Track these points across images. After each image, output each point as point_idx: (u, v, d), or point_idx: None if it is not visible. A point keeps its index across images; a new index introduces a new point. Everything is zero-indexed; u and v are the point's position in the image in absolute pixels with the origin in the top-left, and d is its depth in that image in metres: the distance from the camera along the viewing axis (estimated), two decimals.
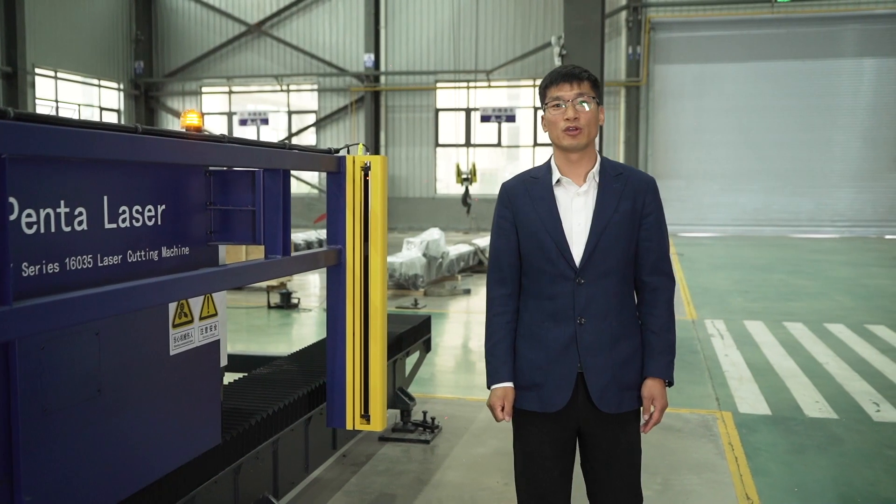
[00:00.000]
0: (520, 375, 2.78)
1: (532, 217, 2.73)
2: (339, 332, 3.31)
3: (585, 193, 2.72)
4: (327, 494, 4.33)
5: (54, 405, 2.12)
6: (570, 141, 2.66)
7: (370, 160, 3.25)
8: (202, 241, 2.78)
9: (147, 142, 2.06)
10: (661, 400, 2.75)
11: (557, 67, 2.80)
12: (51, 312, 1.72)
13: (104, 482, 2.32)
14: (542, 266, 2.72)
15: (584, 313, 2.68)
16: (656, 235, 2.77)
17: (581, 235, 2.69)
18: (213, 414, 2.91)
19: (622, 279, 2.73)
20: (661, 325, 2.75)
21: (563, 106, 2.66)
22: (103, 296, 1.88)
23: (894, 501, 4.30)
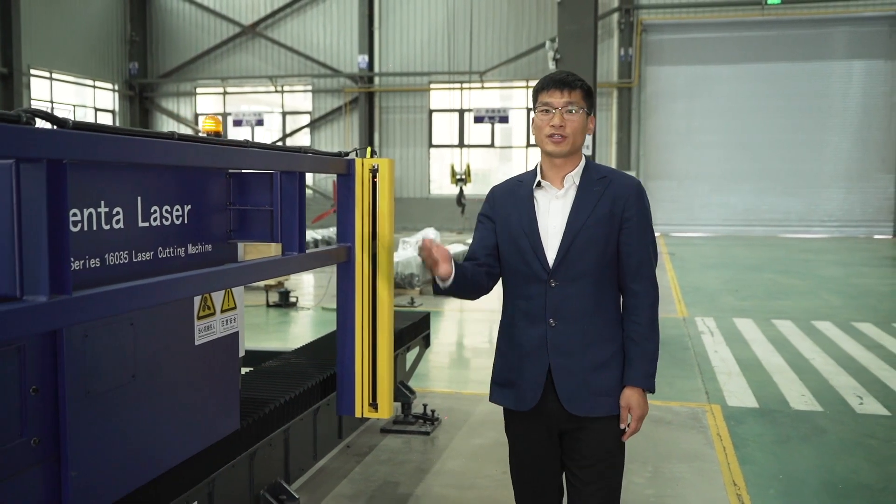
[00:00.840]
0: (498, 372, 2.87)
1: (511, 218, 2.78)
2: (348, 325, 3.49)
3: (563, 196, 2.75)
4: (333, 482, 4.53)
5: (95, 389, 2.30)
6: (552, 147, 2.70)
7: (378, 163, 3.44)
8: (223, 239, 2.97)
9: (183, 147, 2.25)
10: (639, 409, 2.72)
11: (552, 73, 2.82)
12: (102, 302, 1.91)
13: (138, 461, 2.51)
14: (518, 266, 2.77)
15: (556, 315, 2.70)
16: (637, 240, 2.74)
17: (555, 238, 2.72)
18: (233, 401, 3.10)
19: (598, 283, 2.72)
20: (641, 334, 2.73)
21: (551, 112, 2.70)
22: (143, 288, 2.07)
23: (874, 487, 4.52)
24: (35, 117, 1.77)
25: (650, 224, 2.80)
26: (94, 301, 1.87)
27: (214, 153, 2.45)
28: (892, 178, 23.10)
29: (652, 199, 3.17)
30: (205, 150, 2.39)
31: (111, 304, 1.96)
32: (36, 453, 2.14)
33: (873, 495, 4.40)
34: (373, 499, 4.32)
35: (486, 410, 5.90)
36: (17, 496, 2.09)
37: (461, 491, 4.42)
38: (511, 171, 26.19)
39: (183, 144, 2.25)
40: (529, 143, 25.45)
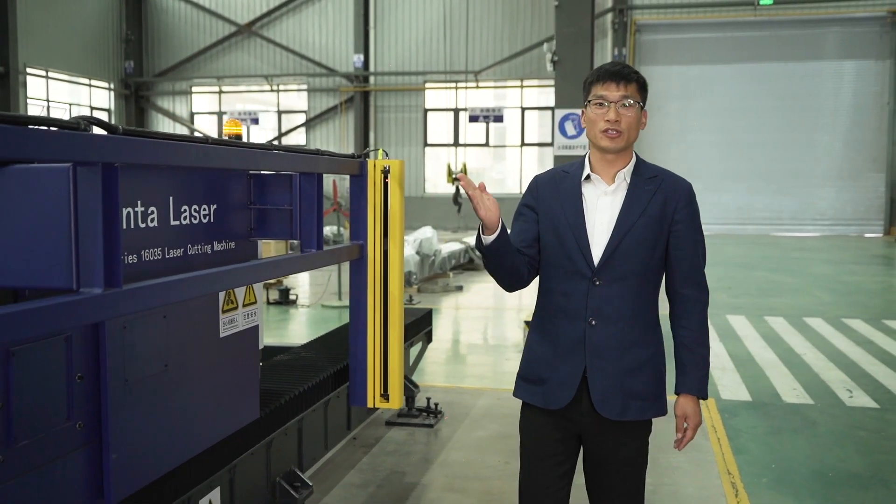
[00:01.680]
0: (527, 367, 2.77)
1: (556, 210, 2.68)
2: (360, 319, 3.65)
3: (613, 193, 2.66)
4: (342, 472, 4.69)
5: (133, 377, 2.46)
6: (607, 143, 2.60)
7: (389, 164, 3.59)
8: (245, 237, 3.13)
9: (217, 151, 2.40)
10: (695, 417, 2.69)
11: (606, 64, 2.68)
12: (149, 295, 2.06)
13: (170, 446, 2.67)
14: (560, 262, 2.67)
15: (597, 315, 2.61)
16: (689, 244, 2.67)
17: (603, 235, 2.62)
18: (254, 391, 3.25)
19: (642, 284, 2.63)
20: (694, 340, 2.67)
21: (605, 106, 2.59)
22: (183, 282, 2.22)
23: (863, 476, 4.70)
24: (91, 124, 1.92)
25: (700, 227, 2.72)
26: (143, 293, 2.03)
27: (243, 156, 2.61)
28: (883, 178, 23.35)
29: None
30: (235, 153, 2.54)
31: (156, 296, 2.12)
32: (81, 436, 2.30)
33: (862, 483, 4.59)
34: (381, 488, 4.48)
35: (486, 404, 6.06)
36: (65, 476, 2.24)
37: (466, 481, 4.58)
38: (505, 170, 26.37)
39: (218, 148, 2.41)
40: (524, 142, 25.64)
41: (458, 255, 14.42)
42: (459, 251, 14.50)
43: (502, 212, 2.60)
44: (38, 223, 1.93)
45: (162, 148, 2.13)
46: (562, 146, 9.00)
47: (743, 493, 4.41)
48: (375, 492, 4.43)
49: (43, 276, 1.94)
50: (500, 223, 2.58)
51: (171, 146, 2.17)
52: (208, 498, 3.11)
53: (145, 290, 2.05)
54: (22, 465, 2.08)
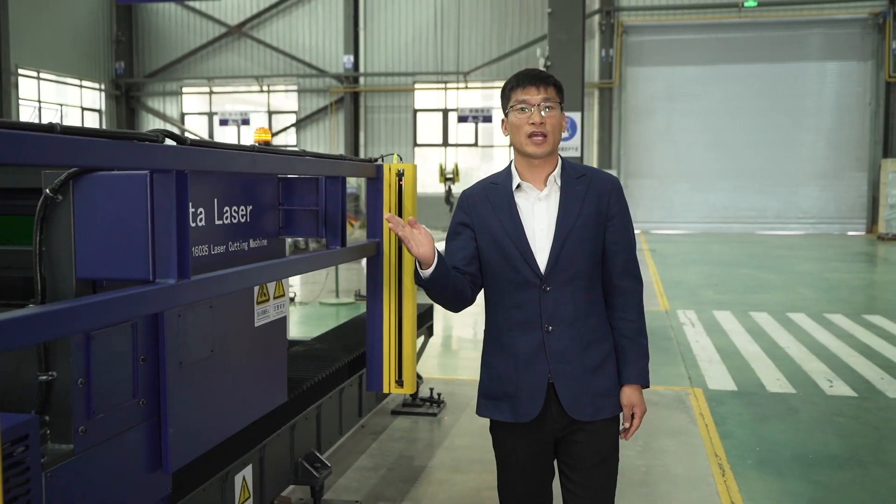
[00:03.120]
0: (489, 384, 2.75)
1: (493, 224, 2.67)
2: (377, 311, 3.94)
3: (547, 198, 2.67)
4: (354, 456, 4.98)
5: (186, 360, 2.74)
6: (534, 148, 2.61)
7: (403, 167, 3.89)
8: (275, 235, 3.41)
9: (263, 158, 2.70)
10: (641, 406, 2.70)
11: (522, 70, 2.71)
12: (211, 285, 2.35)
13: (215, 423, 2.96)
14: (507, 274, 2.66)
15: (551, 320, 2.62)
16: (623, 237, 2.72)
17: (544, 241, 2.64)
18: (282, 376, 3.54)
19: (589, 283, 2.67)
20: (634, 329, 2.70)
21: (528, 110, 2.60)
22: (236, 275, 2.51)
23: (841, 457, 5.03)
24: (165, 137, 2.21)
25: (630, 220, 2.77)
26: (207, 284, 2.32)
27: (282, 161, 2.90)
28: (865, 177, 23.78)
29: (633, 198, 3.51)
30: (276, 159, 2.84)
31: (216, 286, 2.41)
32: (143, 412, 2.58)
33: (840, 464, 4.92)
34: (391, 470, 4.78)
35: None
36: (130, 448, 2.53)
37: (470, 464, 4.89)
38: (493, 168, 26.63)
39: (263, 156, 2.70)
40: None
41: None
42: None
43: None
44: (120, 223, 2.22)
45: (221, 156, 2.42)
46: None
47: (729, 473, 4.74)
48: (386, 474, 4.72)
49: (123, 268, 2.23)
50: (436, 253, 2.57)
51: (228, 155, 2.46)
52: (242, 474, 3.41)
53: (209, 280, 2.35)
54: (99, 436, 2.37)
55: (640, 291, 2.77)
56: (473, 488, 4.52)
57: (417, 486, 4.55)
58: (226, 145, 2.53)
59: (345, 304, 11.21)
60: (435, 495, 4.41)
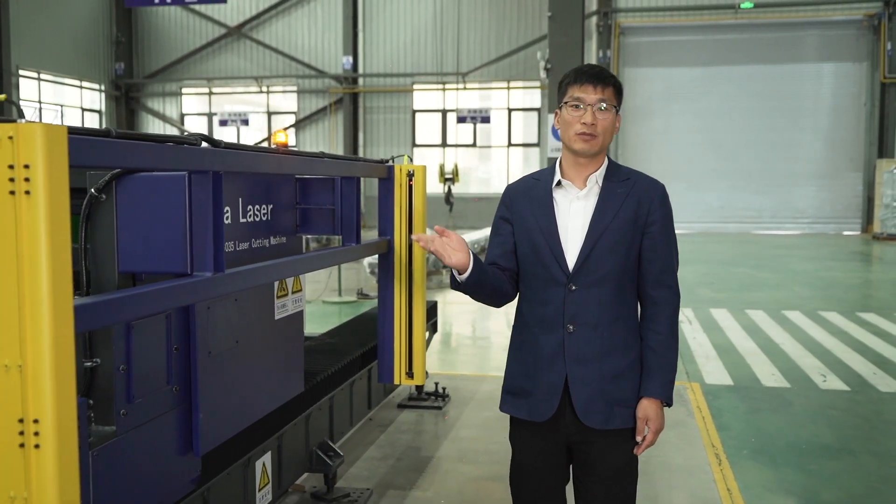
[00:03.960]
0: (510, 380, 2.73)
1: (529, 219, 2.65)
2: (388, 305, 4.11)
3: (585, 197, 2.62)
4: (363, 448, 5.15)
5: (215, 350, 2.91)
6: (581, 146, 2.56)
7: (413, 168, 4.06)
8: (293, 233, 3.59)
9: (287, 159, 2.87)
10: (656, 421, 2.59)
11: (583, 66, 2.64)
12: (242, 278, 2.52)
13: (240, 410, 3.13)
14: (536, 270, 2.64)
15: (574, 321, 2.56)
16: (661, 246, 2.63)
17: (576, 240, 2.59)
18: (299, 367, 3.72)
19: (618, 289, 2.60)
20: (661, 343, 2.61)
21: (581, 108, 2.54)
22: (264, 269, 2.68)
23: (833, 447, 5.22)
24: (202, 140, 2.38)
25: (673, 229, 2.69)
26: (240, 277, 2.49)
27: (304, 163, 3.07)
28: (861, 177, 23.99)
29: None
30: (299, 160, 3.01)
31: (248, 279, 2.58)
32: (176, 398, 2.75)
33: (832, 454, 5.10)
34: (400, 460, 4.95)
35: (489, 389, 6.54)
36: (165, 431, 2.70)
37: (476, 454, 5.06)
38: (490, 170, 26.86)
39: (288, 157, 2.87)
40: (511, 142, 26.13)
41: None
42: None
43: (488, 212, 2.77)
44: (160, 220, 2.39)
45: (251, 158, 2.59)
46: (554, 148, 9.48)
47: (726, 462, 4.91)
48: (395, 463, 4.89)
49: (163, 262, 2.40)
50: (471, 258, 2.56)
51: (257, 157, 2.63)
52: (262, 461, 3.57)
53: (241, 274, 2.52)
54: (138, 419, 2.54)
55: (675, 304, 2.66)
56: (479, 478, 4.70)
57: (425, 475, 4.72)
58: (255, 148, 2.71)
59: (347, 302, 11.38)
60: (442, 483, 4.59)
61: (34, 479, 1.49)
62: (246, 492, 3.40)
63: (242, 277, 2.52)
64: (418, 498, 4.38)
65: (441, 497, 4.39)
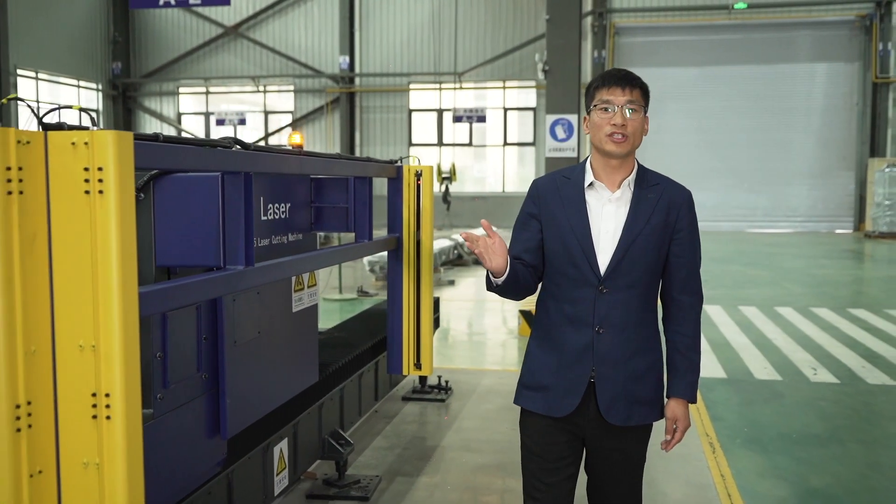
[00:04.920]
0: (528, 374, 2.76)
1: (560, 218, 2.66)
2: (397, 299, 4.31)
3: (618, 200, 2.65)
4: (370, 438, 5.33)
5: (240, 340, 3.10)
6: (613, 147, 2.59)
7: (421, 169, 4.26)
8: (308, 230, 3.77)
9: (309, 160, 3.06)
10: (684, 421, 2.73)
11: (611, 69, 2.70)
12: (270, 272, 2.71)
13: (261, 397, 3.31)
14: (566, 269, 2.65)
15: (604, 322, 2.62)
16: (688, 252, 2.70)
17: (609, 243, 2.62)
18: (314, 359, 3.91)
19: (646, 292, 2.66)
20: (687, 345, 2.70)
21: (611, 110, 2.58)
22: (289, 263, 2.87)
23: (822, 436, 5.42)
24: (236, 144, 2.56)
25: (698, 235, 2.76)
26: (268, 270, 2.69)
27: (322, 163, 3.26)
28: (853, 175, 24.24)
29: None
30: (317, 161, 3.20)
31: (274, 273, 2.78)
32: (205, 384, 2.94)
33: (821, 442, 5.30)
34: (406, 449, 5.14)
35: (490, 382, 6.73)
36: (196, 415, 2.88)
37: (479, 444, 5.25)
38: (486, 168, 27.05)
39: (310, 159, 3.06)
40: (506, 141, 26.32)
41: (448, 252, 15.07)
42: (449, 248, 15.14)
43: (484, 211, 2.78)
44: (195, 217, 2.58)
45: (277, 159, 2.78)
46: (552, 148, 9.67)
47: (719, 450, 5.11)
48: (402, 452, 5.08)
49: (198, 256, 2.59)
50: (508, 260, 2.59)
51: (282, 158, 2.82)
52: (279, 447, 3.76)
53: (268, 268, 2.71)
54: (172, 403, 2.73)
55: (699, 307, 2.76)
56: (483, 465, 4.88)
57: (431, 462, 4.91)
58: (280, 150, 2.89)
59: (348, 299, 11.55)
60: (448, 471, 4.77)
61: (105, 446, 1.68)
62: (265, 475, 3.59)
63: (270, 271, 2.71)
64: (425, 484, 4.57)
65: (447, 483, 4.58)
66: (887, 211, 21.56)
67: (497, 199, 25.23)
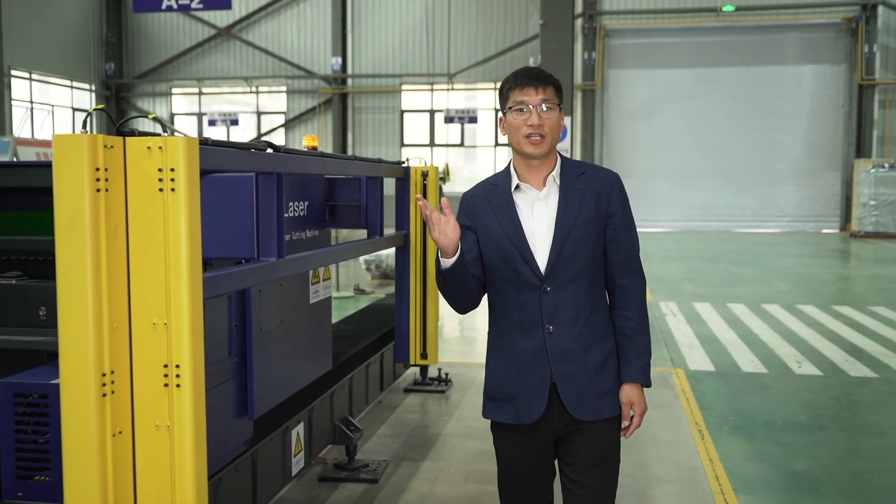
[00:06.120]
0: (493, 386, 2.72)
1: (493, 225, 2.64)
2: (404, 293, 4.57)
3: (546, 198, 2.63)
4: (376, 426, 5.59)
5: (265, 327, 3.35)
6: (531, 149, 2.57)
7: (427, 169, 4.52)
8: (323, 226, 4.02)
9: (329, 161, 3.31)
10: (640, 404, 2.68)
11: (521, 70, 2.65)
12: (297, 264, 2.96)
13: (284, 382, 3.56)
14: (507, 275, 2.63)
15: (553, 321, 2.59)
16: (623, 235, 2.68)
17: (544, 241, 2.60)
18: (328, 348, 4.15)
19: (591, 283, 2.64)
20: (634, 328, 2.67)
21: (526, 111, 2.56)
22: (313, 257, 3.12)
23: (805, 424, 5.70)
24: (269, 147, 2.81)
25: (632, 216, 2.74)
26: (296, 262, 2.94)
27: (340, 164, 3.51)
28: (839, 176, 24.64)
29: None
30: (337, 162, 3.45)
31: (301, 265, 3.04)
32: (235, 368, 3.18)
33: (804, 430, 5.59)
34: (410, 437, 5.39)
35: None
36: (228, 396, 3.13)
37: (480, 431, 5.50)
38: (476, 169, 27.35)
39: (330, 160, 3.32)
40: (498, 142, 26.62)
41: None
42: None
43: None
44: (231, 213, 2.83)
45: (304, 160, 3.03)
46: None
47: (708, 437, 5.39)
48: (406, 440, 5.33)
49: (234, 249, 2.84)
50: (458, 247, 2.57)
51: (307, 160, 3.07)
52: (296, 430, 4.01)
53: (296, 260, 2.97)
54: (209, 384, 2.95)
55: (643, 288, 2.73)
56: (484, 451, 5.14)
57: (435, 448, 5.16)
58: (305, 152, 3.14)
59: (345, 297, 11.78)
60: (451, 456, 5.03)
61: (175, 411, 1.93)
62: (285, 456, 3.83)
63: (299, 262, 2.96)
64: (430, 468, 4.83)
65: (451, 467, 4.83)
66: (873, 211, 21.95)
67: None
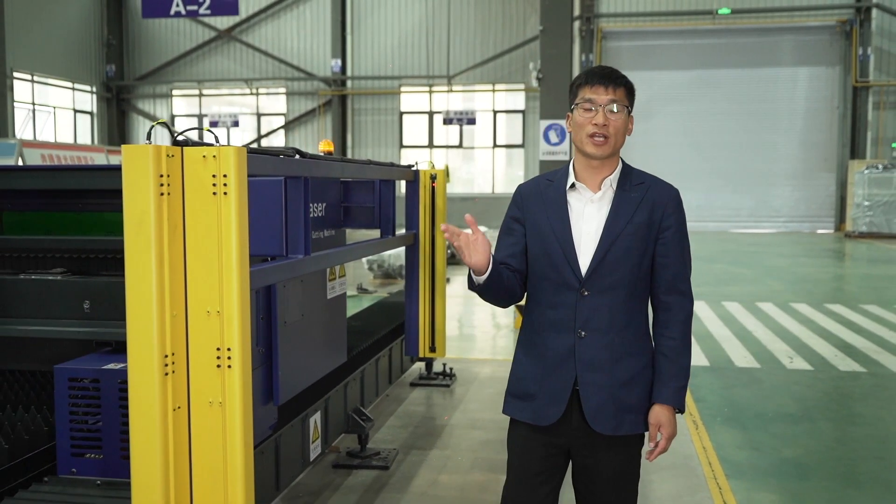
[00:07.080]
0: (516, 383, 2.68)
1: (542, 221, 2.59)
2: (414, 289, 4.82)
3: (599, 201, 2.57)
4: (384, 418, 5.84)
5: (288, 320, 3.60)
6: (593, 149, 2.52)
7: (435, 172, 4.77)
8: (338, 227, 4.28)
9: (348, 166, 3.56)
10: (669, 428, 2.56)
11: (595, 67, 2.61)
12: (321, 261, 3.21)
13: (305, 372, 3.82)
14: (547, 272, 2.58)
15: (586, 326, 2.52)
16: (674, 252, 2.58)
17: (590, 245, 2.54)
18: (343, 341, 4.41)
19: (631, 294, 2.56)
20: (674, 349, 2.56)
21: (593, 110, 2.51)
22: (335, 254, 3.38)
23: (795, 415, 5.97)
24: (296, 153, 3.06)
25: (687, 234, 2.64)
26: (320, 259, 3.19)
27: (358, 168, 3.77)
28: (834, 177, 24.93)
29: None
30: (354, 166, 3.70)
31: (324, 262, 3.29)
32: (262, 357, 3.44)
33: (794, 420, 5.85)
34: (418, 427, 5.65)
35: (490, 371, 7.24)
36: (256, 383, 3.37)
37: (484, 423, 5.76)
38: (474, 170, 27.60)
39: (349, 164, 3.57)
40: (496, 143, 26.87)
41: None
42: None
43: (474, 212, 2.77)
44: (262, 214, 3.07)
45: (327, 165, 3.28)
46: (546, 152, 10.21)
47: (702, 427, 5.65)
48: (414, 430, 5.59)
49: (264, 246, 3.09)
50: (490, 261, 2.48)
51: (330, 164, 3.32)
52: (314, 419, 4.26)
53: (321, 257, 3.22)
54: None
55: (689, 310, 2.62)
56: (489, 440, 5.40)
57: (442, 438, 5.41)
58: (328, 158, 3.39)
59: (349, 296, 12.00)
60: (458, 445, 5.28)
61: (227, 389, 2.18)
62: (304, 442, 4.08)
63: (323, 259, 3.22)
64: (438, 456, 5.08)
65: (458, 455, 5.09)
66: (867, 212, 22.23)
67: (486, 199, 25.75)
